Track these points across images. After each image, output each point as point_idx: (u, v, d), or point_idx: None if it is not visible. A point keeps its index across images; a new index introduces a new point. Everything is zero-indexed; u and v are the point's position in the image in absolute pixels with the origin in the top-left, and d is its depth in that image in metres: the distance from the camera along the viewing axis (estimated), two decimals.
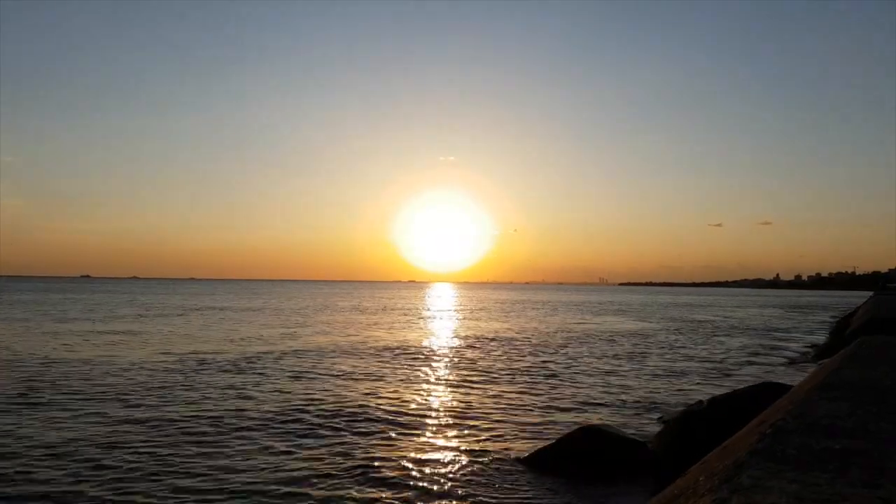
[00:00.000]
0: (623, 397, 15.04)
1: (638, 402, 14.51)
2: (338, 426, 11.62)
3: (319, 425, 11.64)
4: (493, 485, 8.45)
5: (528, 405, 13.85)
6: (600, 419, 12.40)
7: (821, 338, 33.70)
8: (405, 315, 51.36)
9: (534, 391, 15.66)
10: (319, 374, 17.99)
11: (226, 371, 18.22)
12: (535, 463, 9.45)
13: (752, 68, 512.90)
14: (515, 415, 12.86)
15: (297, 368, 18.94)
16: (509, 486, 8.40)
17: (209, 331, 31.98)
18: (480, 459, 9.61)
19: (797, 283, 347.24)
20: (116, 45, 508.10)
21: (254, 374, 17.77)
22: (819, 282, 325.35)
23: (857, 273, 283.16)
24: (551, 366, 20.61)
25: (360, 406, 13.45)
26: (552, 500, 7.95)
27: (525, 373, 18.90)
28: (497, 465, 9.33)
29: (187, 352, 22.66)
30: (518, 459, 9.63)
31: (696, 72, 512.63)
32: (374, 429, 11.48)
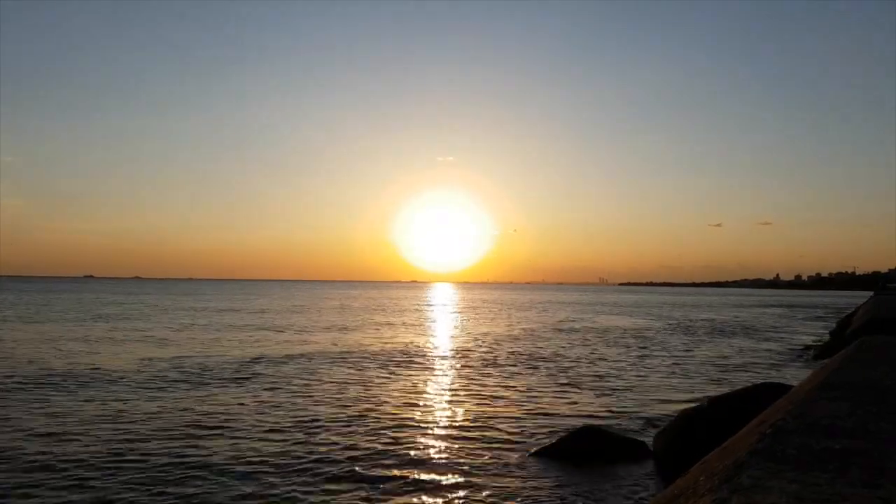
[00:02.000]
0: (623, 397, 15.04)
1: (638, 401, 14.51)
2: (348, 425, 11.62)
3: (330, 424, 11.64)
4: (496, 480, 8.45)
5: (529, 405, 13.85)
6: (600, 419, 12.40)
7: (821, 338, 33.69)
8: (410, 316, 51.37)
9: (535, 391, 15.66)
10: (325, 376, 18.00)
11: (213, 377, 18.22)
12: (536, 461, 9.45)
13: (752, 68, 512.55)
14: (517, 415, 12.85)
15: (303, 371, 18.95)
16: (510, 483, 8.40)
17: (187, 333, 31.99)
18: (481, 458, 9.61)
19: (797, 283, 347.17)
20: (116, 45, 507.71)
21: (252, 377, 17.77)
22: (819, 282, 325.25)
23: (857, 273, 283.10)
24: (552, 365, 20.61)
25: (370, 407, 13.46)
26: (551, 500, 7.95)
27: (526, 373, 18.90)
28: (499, 463, 9.32)
29: (160, 357, 22.66)
30: (520, 457, 9.63)
31: (696, 72, 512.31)
32: (382, 429, 11.48)
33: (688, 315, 58.13)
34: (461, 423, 12.06)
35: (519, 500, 7.93)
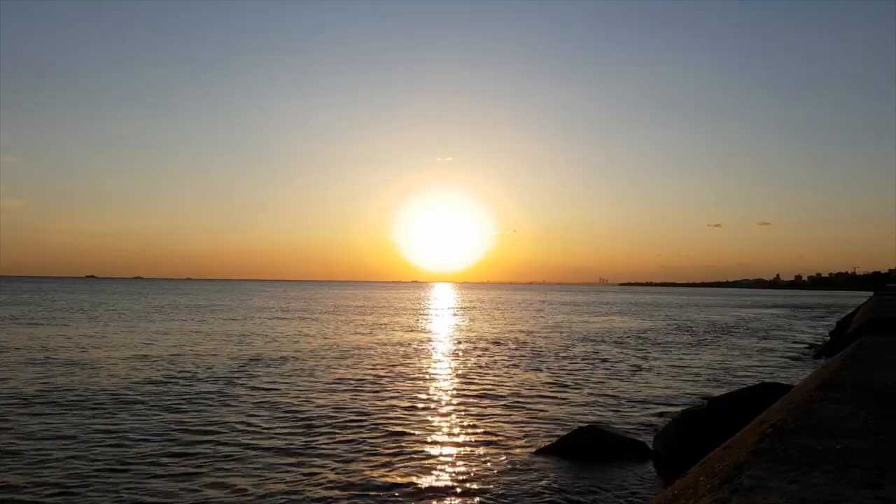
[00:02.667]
0: (624, 397, 15.03)
1: (639, 401, 14.50)
2: (347, 427, 11.61)
3: (329, 426, 11.63)
4: (496, 480, 8.44)
5: (529, 405, 13.84)
6: (601, 419, 12.40)
7: (821, 338, 33.70)
8: (410, 316, 51.39)
9: (535, 391, 15.65)
10: (322, 378, 18.00)
11: (198, 378, 18.21)
12: (536, 461, 9.45)
13: (752, 68, 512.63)
14: (517, 415, 12.85)
15: (299, 372, 18.94)
16: (510, 483, 8.39)
17: (174, 333, 31.96)
18: (482, 458, 9.61)
19: (797, 283, 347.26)
20: (116, 45, 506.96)
21: (246, 379, 17.77)
22: (819, 282, 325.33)
23: (857, 273, 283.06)
24: (552, 366, 20.61)
25: (368, 408, 13.46)
26: (551, 500, 7.94)
27: (526, 373, 18.90)
28: (500, 462, 9.32)
29: (152, 358, 22.63)
30: (520, 457, 9.63)
31: (697, 72, 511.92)
32: (382, 430, 11.47)
33: (688, 315, 58.13)
34: (460, 424, 12.06)
35: (519, 500, 7.92)
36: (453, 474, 8.89)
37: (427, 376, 18.10)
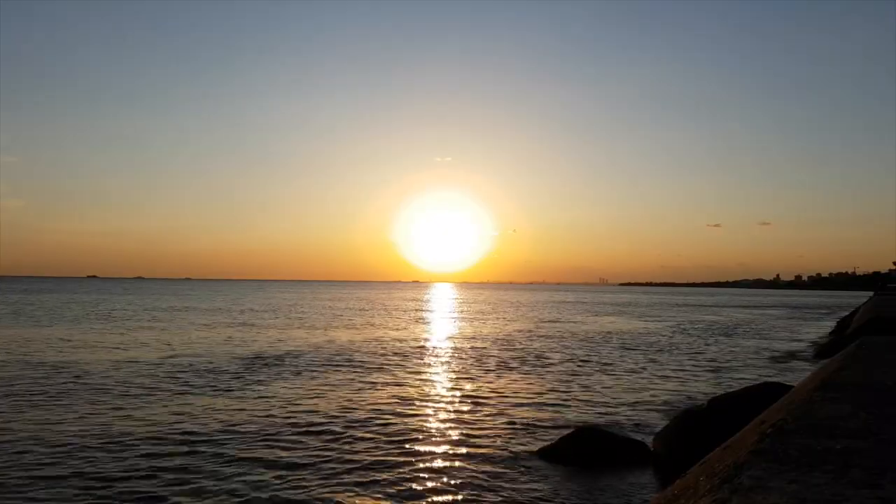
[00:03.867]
0: (623, 397, 15.03)
1: (638, 401, 14.50)
2: (342, 429, 11.60)
3: (323, 429, 11.63)
4: (496, 481, 8.45)
5: (530, 405, 13.84)
6: (601, 419, 12.40)
7: (821, 338, 33.70)
8: (409, 316, 51.38)
9: (533, 392, 15.65)
10: (318, 379, 18.00)
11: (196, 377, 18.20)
12: (536, 461, 9.45)
13: (752, 68, 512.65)
14: (519, 414, 12.84)
15: (293, 374, 18.94)
16: (510, 484, 8.39)
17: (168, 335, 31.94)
18: (480, 459, 9.60)
19: (797, 283, 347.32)
20: (116, 45, 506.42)
21: (243, 382, 17.76)
22: (819, 282, 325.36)
23: (857, 273, 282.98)
24: (553, 366, 20.61)
25: (363, 410, 13.45)
26: (551, 500, 7.94)
27: (524, 373, 18.90)
28: (499, 463, 9.32)
29: (148, 358, 22.63)
30: (520, 458, 9.63)
31: (696, 72, 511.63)
32: (377, 432, 11.47)
33: (688, 315, 58.13)
34: (459, 425, 12.05)
35: (518, 500, 7.92)
36: (452, 476, 8.89)
37: (425, 377, 18.09)
